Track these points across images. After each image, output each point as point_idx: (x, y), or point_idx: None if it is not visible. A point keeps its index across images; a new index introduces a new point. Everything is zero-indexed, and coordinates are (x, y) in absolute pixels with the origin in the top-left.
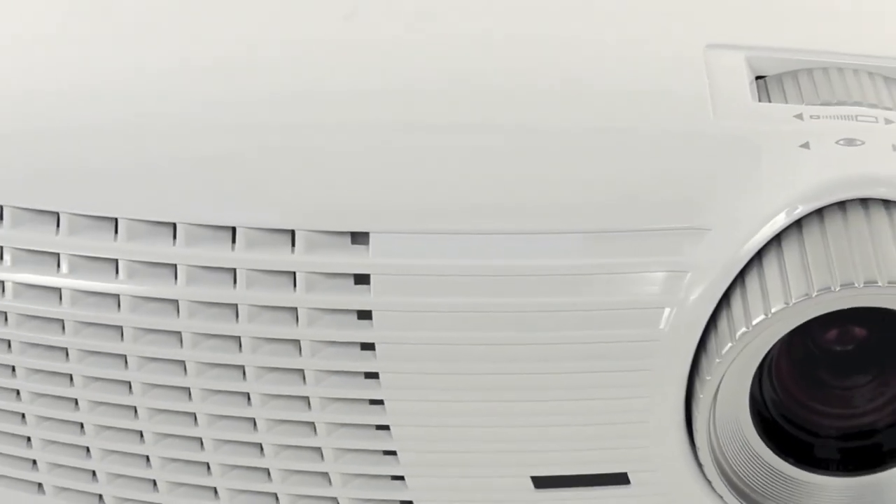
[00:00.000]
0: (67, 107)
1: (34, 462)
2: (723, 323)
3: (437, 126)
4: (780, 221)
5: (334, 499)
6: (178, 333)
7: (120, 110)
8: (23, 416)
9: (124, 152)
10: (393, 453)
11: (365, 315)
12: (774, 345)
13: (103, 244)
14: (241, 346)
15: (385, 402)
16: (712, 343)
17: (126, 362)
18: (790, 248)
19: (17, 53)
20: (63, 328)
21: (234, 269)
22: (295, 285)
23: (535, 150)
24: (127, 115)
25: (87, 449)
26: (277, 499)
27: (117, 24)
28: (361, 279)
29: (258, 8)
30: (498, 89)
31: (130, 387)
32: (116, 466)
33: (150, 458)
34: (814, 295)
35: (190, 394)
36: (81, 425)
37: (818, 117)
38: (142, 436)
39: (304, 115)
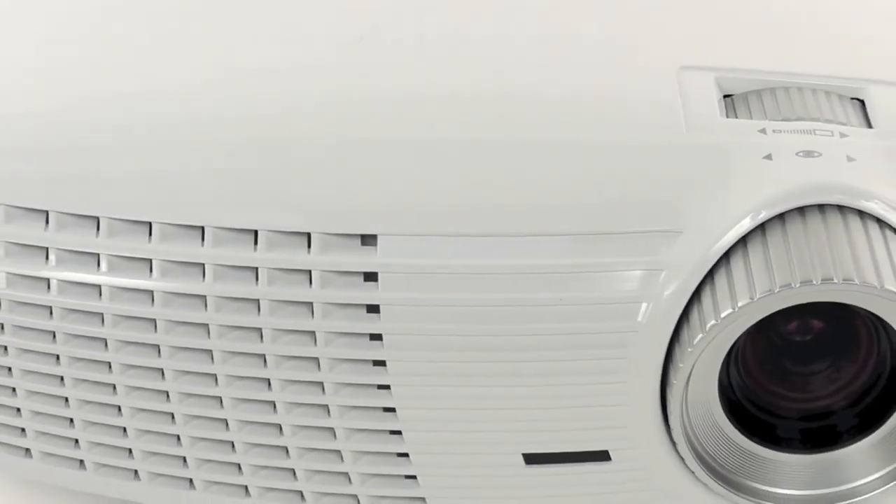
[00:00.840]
0: (105, 120)
1: (76, 441)
2: (694, 316)
3: (437, 140)
4: (746, 225)
5: (346, 474)
6: (206, 326)
7: (153, 124)
8: (66, 400)
9: (157, 162)
10: (398, 433)
11: (373, 309)
12: (741, 335)
13: (139, 245)
14: (262, 336)
15: (391, 387)
16: (685, 334)
17: (159, 351)
18: (755, 249)
19: (54, 65)
20: (102, 321)
21: (256, 268)
22: (311, 282)
23: (527, 160)
24: (159, 128)
25: (124, 429)
26: (294, 474)
27: (147, 39)
28: (370, 277)
29: (277, 26)
30: (494, 106)
31: (163, 373)
32: (150, 445)
33: (181, 438)
34: (776, 291)
35: (216, 379)
36: (119, 408)
37: (780, 132)
38: (173, 417)
39: (318, 130)
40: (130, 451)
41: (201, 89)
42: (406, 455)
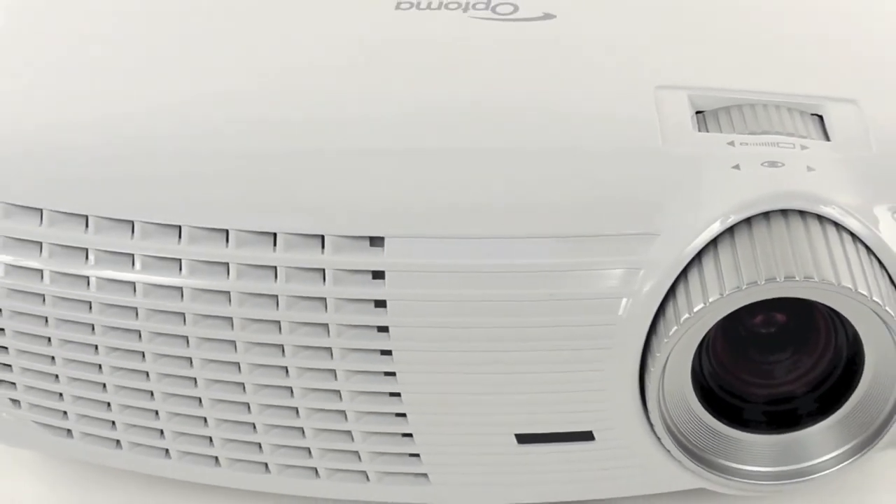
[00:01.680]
0: (138, 130)
1: (113, 423)
2: (670, 310)
3: (439, 150)
4: (716, 228)
5: (356, 452)
6: (230, 319)
7: (182, 135)
8: (104, 386)
9: (186, 170)
10: (403, 415)
11: (380, 304)
12: (711, 327)
13: (169, 246)
14: (280, 329)
15: (396, 374)
16: (661, 326)
17: (188, 342)
18: (724, 250)
19: (87, 77)
20: (136, 315)
21: (275, 267)
22: (324, 280)
23: (519, 169)
24: (188, 139)
25: (156, 412)
26: (310, 452)
27: (173, 48)
28: (378, 275)
29: (290, 42)
30: (489, 120)
31: (191, 362)
32: (180, 426)
33: (207, 420)
34: (743, 287)
35: (239, 367)
36: (152, 393)
37: (747, 144)
38: (200, 402)
39: (331, 142)
40: (162, 431)
41: (228, 101)
42: (410, 435)
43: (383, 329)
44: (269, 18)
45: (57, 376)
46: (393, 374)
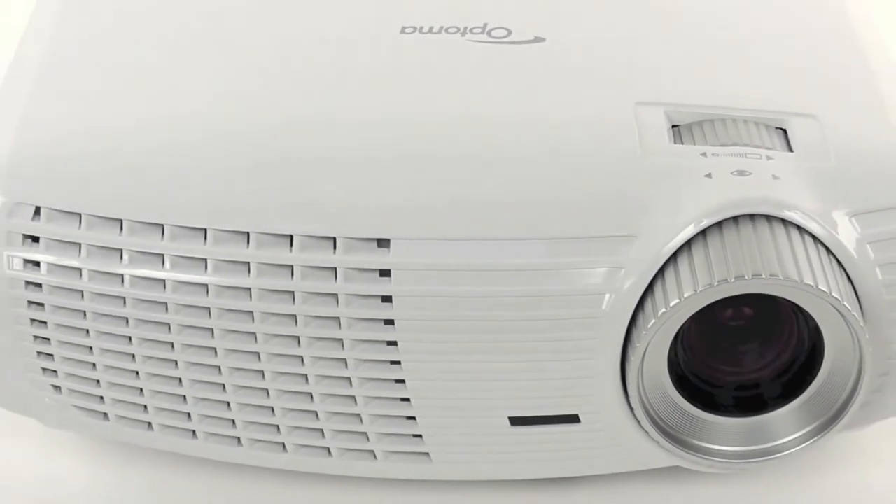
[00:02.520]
0: (165, 140)
1: (145, 407)
2: (648, 305)
3: (441, 158)
4: (690, 231)
5: (364, 433)
6: (251, 313)
7: (206, 144)
8: (137, 373)
9: (211, 178)
10: (407, 400)
11: (387, 299)
12: (686, 320)
13: (195, 247)
14: (296, 321)
15: (402, 363)
16: (640, 320)
17: (213, 334)
18: (697, 250)
19: (120, 87)
20: (166, 309)
21: (292, 266)
22: (336, 277)
23: (513, 178)
24: (211, 148)
25: (184, 397)
26: (323, 433)
27: (195, 61)
28: (384, 273)
29: (304, 59)
30: (486, 132)
31: (216, 352)
32: (206, 410)
33: (230, 404)
34: (715, 284)
35: (259, 356)
36: (180, 380)
37: (718, 155)
38: (224, 388)
39: (342, 152)
40: (189, 415)
41: (248, 110)
42: (413, 418)
43: (389, 322)
44: (286, 33)
45: (94, 365)
46: (398, 362)
